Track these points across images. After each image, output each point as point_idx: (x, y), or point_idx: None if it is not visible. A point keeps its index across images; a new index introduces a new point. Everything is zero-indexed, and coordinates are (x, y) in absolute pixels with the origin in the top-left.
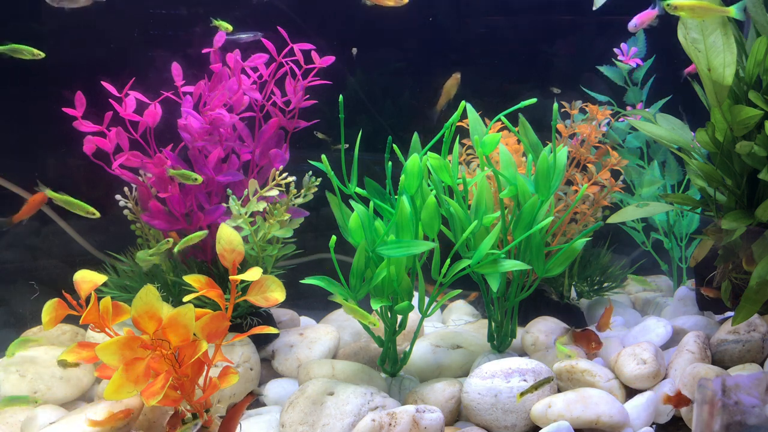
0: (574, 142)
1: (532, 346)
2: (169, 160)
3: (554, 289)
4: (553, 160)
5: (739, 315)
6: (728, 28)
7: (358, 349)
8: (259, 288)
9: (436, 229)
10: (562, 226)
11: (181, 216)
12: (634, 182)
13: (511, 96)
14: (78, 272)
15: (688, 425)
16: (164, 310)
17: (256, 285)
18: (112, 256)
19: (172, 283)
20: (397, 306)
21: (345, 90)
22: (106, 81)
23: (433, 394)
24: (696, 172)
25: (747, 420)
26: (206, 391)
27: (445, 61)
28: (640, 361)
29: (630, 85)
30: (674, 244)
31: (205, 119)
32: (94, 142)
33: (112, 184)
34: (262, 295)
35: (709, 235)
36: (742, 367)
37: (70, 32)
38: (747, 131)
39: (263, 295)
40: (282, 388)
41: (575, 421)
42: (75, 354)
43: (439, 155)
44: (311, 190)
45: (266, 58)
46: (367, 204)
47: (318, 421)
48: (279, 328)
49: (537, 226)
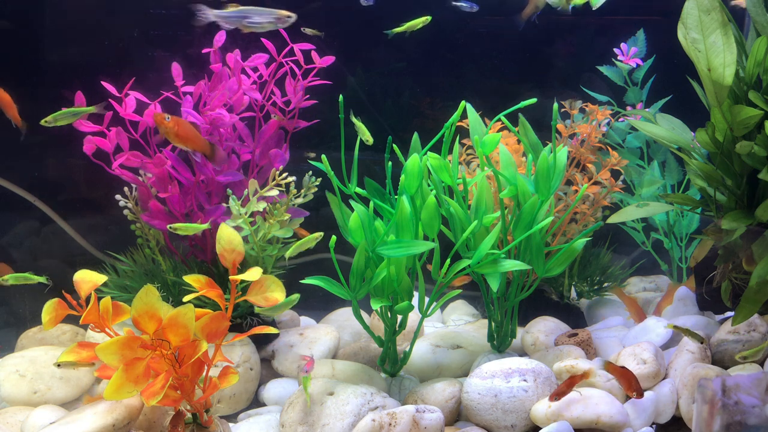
0: (574, 142)
1: (532, 346)
2: (169, 160)
3: (554, 289)
4: (553, 160)
5: (739, 315)
6: (728, 28)
7: (358, 349)
8: (259, 288)
9: (436, 229)
10: (562, 226)
11: (181, 216)
12: (634, 182)
13: (511, 96)
14: (78, 272)
15: (689, 425)
16: (164, 310)
17: (256, 285)
18: (112, 256)
19: (172, 283)
20: (397, 306)
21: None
22: (106, 81)
23: (433, 394)
24: (696, 172)
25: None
26: (206, 391)
27: (445, 61)
28: (640, 361)
29: (630, 85)
30: (674, 244)
31: (205, 119)
32: (94, 142)
33: (112, 184)
34: (262, 295)
35: (709, 235)
36: (742, 367)
37: (70, 32)
38: (747, 131)
39: (263, 295)
40: (282, 388)
41: (575, 421)
42: (75, 354)
43: (439, 155)
44: (311, 190)
45: (266, 58)
46: (367, 204)
47: (318, 421)
48: (279, 328)
49: (537, 226)
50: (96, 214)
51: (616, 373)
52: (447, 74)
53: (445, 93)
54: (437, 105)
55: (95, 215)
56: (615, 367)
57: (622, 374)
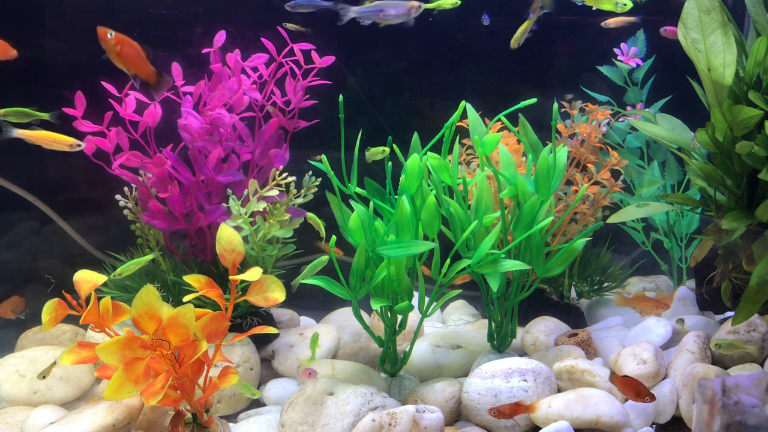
0: (574, 142)
1: (532, 346)
2: (169, 160)
3: (554, 289)
4: (553, 160)
5: (739, 315)
6: (728, 28)
7: (358, 349)
8: (259, 288)
9: (436, 229)
10: (562, 226)
11: (181, 216)
12: (634, 182)
13: (511, 96)
14: (78, 272)
15: (689, 425)
16: (164, 310)
17: (256, 285)
18: (112, 256)
19: (172, 283)
20: (397, 306)
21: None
22: (106, 81)
23: (433, 394)
24: (696, 172)
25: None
26: (206, 391)
27: (445, 61)
28: (640, 361)
29: (630, 85)
30: (674, 244)
31: (205, 119)
32: (94, 142)
33: (112, 184)
34: (262, 295)
35: (709, 235)
36: (742, 367)
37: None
38: (747, 131)
39: (263, 295)
40: (282, 388)
41: (575, 421)
42: (75, 354)
43: (439, 155)
44: (311, 190)
45: (266, 58)
46: (367, 204)
47: (318, 421)
48: (279, 328)
49: (537, 226)
50: (96, 214)
51: (623, 384)
52: (447, 74)
53: (445, 93)
54: (437, 105)
55: (95, 215)
56: (620, 379)
57: (628, 384)
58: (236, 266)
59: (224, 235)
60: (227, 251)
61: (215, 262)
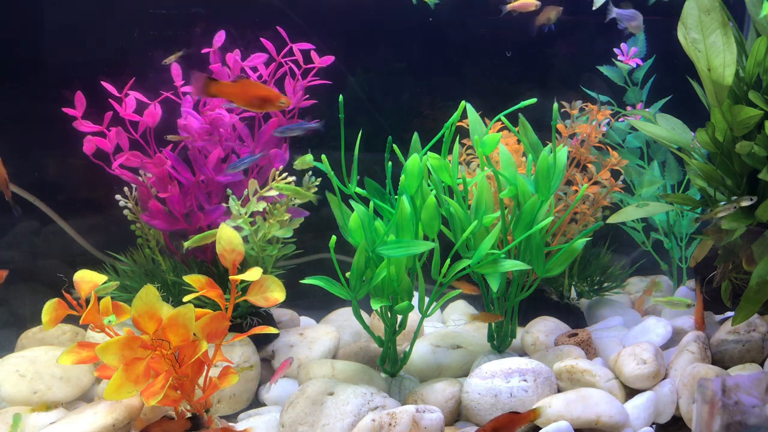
0: (574, 142)
1: (532, 346)
2: (169, 160)
3: (554, 289)
4: (553, 160)
5: (739, 315)
6: (728, 28)
7: (358, 349)
8: (259, 288)
9: (436, 229)
10: (562, 226)
11: (181, 216)
12: (634, 182)
13: (511, 96)
14: (78, 272)
15: (689, 425)
16: (164, 310)
17: (256, 285)
18: (112, 256)
19: (172, 283)
20: (397, 306)
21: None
22: (105, 81)
23: (433, 394)
24: (696, 172)
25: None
26: (206, 391)
27: (445, 61)
28: (640, 361)
29: (630, 85)
30: (674, 244)
31: (205, 119)
32: (94, 142)
33: (112, 184)
34: (262, 295)
35: (709, 235)
36: (742, 367)
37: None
38: (747, 131)
39: (263, 295)
40: (282, 388)
41: (575, 421)
42: (75, 354)
43: (439, 155)
44: (311, 190)
45: (266, 57)
46: (367, 204)
47: (318, 421)
48: (279, 328)
49: (537, 226)
50: (96, 214)
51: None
52: (447, 74)
53: (445, 93)
54: (437, 105)
55: (95, 215)
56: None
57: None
58: (236, 266)
59: (224, 235)
60: (227, 251)
61: (215, 262)
